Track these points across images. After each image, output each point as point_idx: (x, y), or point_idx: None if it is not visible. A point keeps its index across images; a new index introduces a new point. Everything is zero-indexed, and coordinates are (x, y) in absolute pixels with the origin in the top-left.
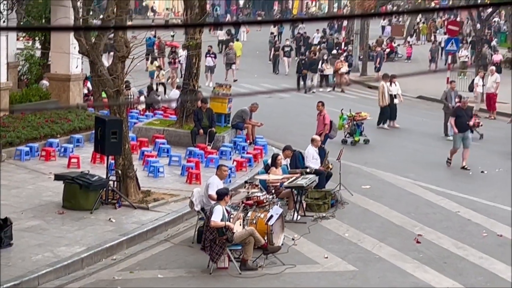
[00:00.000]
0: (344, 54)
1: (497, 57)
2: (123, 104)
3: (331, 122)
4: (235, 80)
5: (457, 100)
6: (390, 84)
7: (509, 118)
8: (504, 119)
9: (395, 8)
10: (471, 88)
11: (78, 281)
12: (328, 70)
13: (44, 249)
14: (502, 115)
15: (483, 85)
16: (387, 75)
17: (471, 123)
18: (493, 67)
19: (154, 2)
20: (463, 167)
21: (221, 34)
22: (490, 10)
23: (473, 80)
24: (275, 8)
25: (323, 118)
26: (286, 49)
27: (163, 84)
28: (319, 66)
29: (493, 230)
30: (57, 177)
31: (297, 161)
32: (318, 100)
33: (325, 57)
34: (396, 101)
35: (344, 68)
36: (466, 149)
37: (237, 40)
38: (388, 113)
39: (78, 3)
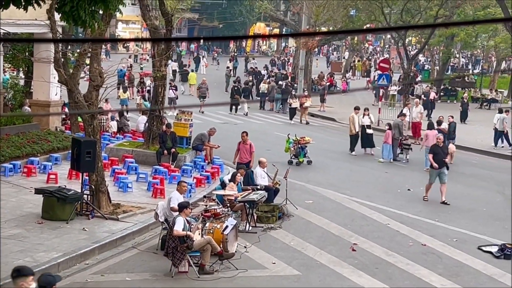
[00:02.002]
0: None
1: (431, 95)
2: (96, 127)
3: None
4: (202, 112)
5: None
6: (363, 116)
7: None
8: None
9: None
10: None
11: None
12: (295, 103)
13: (25, 254)
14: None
15: (410, 115)
16: (358, 108)
17: (447, 159)
18: (417, 99)
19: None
20: (443, 202)
21: (174, 65)
22: (416, 50)
23: (402, 110)
24: (230, 46)
25: (250, 146)
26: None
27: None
28: (288, 100)
29: (418, 240)
30: (37, 191)
31: (249, 179)
32: (268, 126)
33: (293, 93)
34: (369, 131)
35: (308, 102)
36: (443, 184)
37: (192, 71)
38: (356, 140)
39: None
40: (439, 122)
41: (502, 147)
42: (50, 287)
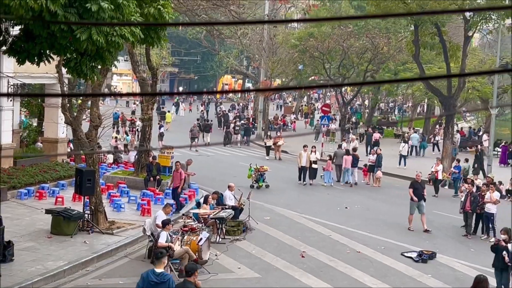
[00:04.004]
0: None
1: (376, 135)
2: (95, 159)
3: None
4: (196, 151)
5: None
6: (311, 153)
7: (364, 169)
8: (359, 172)
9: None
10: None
11: (61, 286)
12: (269, 142)
13: (37, 263)
14: (359, 168)
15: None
16: (307, 146)
17: (424, 193)
18: (353, 136)
19: (116, 86)
20: (425, 230)
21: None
22: (351, 97)
23: (340, 145)
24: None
25: (180, 174)
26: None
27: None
28: (263, 139)
29: (354, 248)
30: (47, 211)
31: (220, 200)
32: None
33: (268, 133)
34: (315, 165)
35: (281, 141)
36: (423, 214)
37: (168, 111)
38: (302, 172)
39: (65, 88)
40: (354, 149)
41: (405, 168)
42: (193, 272)
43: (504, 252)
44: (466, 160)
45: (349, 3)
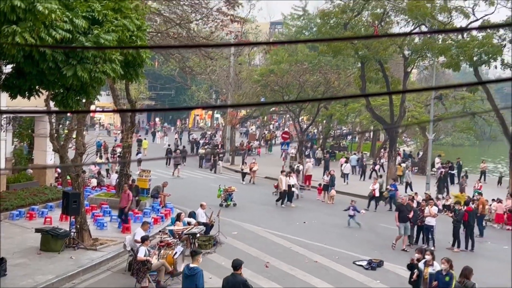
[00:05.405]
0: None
1: (343, 160)
2: (80, 183)
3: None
4: (178, 176)
5: None
6: (289, 178)
7: (318, 188)
8: (314, 190)
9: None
10: (298, 171)
11: None
12: (246, 169)
13: (28, 277)
14: (314, 187)
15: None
16: (284, 171)
17: (410, 215)
18: (308, 159)
19: (100, 119)
20: (403, 249)
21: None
22: (307, 125)
23: (298, 166)
24: (177, 124)
25: (128, 195)
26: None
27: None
28: (241, 166)
29: (312, 258)
30: (37, 230)
31: (193, 217)
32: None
33: (245, 161)
34: (294, 189)
35: (255, 167)
36: (405, 236)
37: (145, 139)
38: (284, 195)
39: (53, 120)
40: (298, 170)
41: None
42: (240, 266)
43: (416, 270)
44: (380, 176)
45: (304, 43)
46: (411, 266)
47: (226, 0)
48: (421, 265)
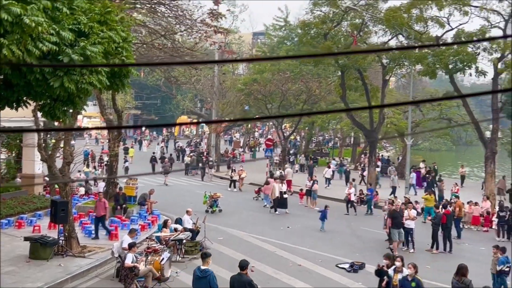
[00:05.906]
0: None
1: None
2: (68, 192)
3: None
4: (167, 185)
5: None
6: (282, 185)
7: (300, 193)
8: (295, 195)
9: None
10: (282, 178)
11: None
12: (235, 176)
13: (17, 285)
14: (295, 192)
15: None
16: (277, 177)
17: (403, 221)
18: (287, 165)
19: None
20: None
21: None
22: (289, 132)
23: (281, 172)
24: (164, 133)
25: (104, 203)
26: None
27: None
28: (230, 173)
29: (296, 262)
30: (26, 239)
31: (179, 224)
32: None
33: (234, 168)
34: (285, 195)
35: (244, 174)
36: (399, 241)
37: (132, 147)
38: (277, 202)
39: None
40: (282, 178)
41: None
42: (246, 267)
43: (385, 277)
44: (354, 180)
45: (286, 53)
46: (380, 272)
47: (209, 12)
48: (390, 271)
